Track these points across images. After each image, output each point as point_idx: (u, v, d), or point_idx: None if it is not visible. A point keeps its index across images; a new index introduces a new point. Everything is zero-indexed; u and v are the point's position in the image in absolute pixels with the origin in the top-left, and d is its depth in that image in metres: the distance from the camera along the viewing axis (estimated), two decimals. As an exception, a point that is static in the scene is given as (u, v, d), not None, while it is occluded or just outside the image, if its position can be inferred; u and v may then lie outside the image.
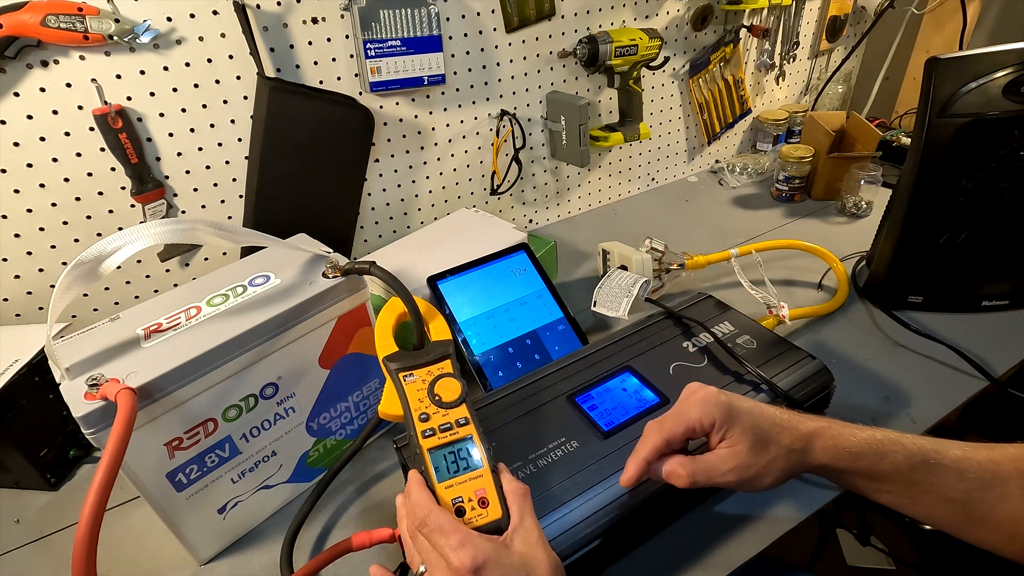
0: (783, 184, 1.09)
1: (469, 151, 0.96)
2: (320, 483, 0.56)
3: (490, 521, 0.37)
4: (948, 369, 0.68)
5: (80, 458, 0.65)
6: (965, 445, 0.44)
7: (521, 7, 0.88)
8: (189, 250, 0.79)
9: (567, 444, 0.50)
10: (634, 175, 1.18)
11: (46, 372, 0.61)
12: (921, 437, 0.44)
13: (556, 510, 0.45)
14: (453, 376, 0.44)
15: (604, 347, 0.61)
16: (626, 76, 0.97)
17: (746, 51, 1.19)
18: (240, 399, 0.50)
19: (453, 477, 0.39)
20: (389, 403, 0.43)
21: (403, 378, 0.43)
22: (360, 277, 0.55)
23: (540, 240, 0.87)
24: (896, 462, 0.43)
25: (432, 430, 0.40)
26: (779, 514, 0.53)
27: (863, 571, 1.26)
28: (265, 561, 0.53)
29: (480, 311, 0.70)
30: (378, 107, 0.84)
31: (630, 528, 0.47)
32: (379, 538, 0.46)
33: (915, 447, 0.43)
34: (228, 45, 0.71)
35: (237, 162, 0.78)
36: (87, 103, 0.66)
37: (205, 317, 0.49)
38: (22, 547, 0.56)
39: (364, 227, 0.92)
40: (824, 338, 0.74)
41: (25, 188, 0.67)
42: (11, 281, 0.70)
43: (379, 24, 0.76)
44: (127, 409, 0.40)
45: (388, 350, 0.47)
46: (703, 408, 0.43)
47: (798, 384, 0.55)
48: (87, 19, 0.61)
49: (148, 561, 0.54)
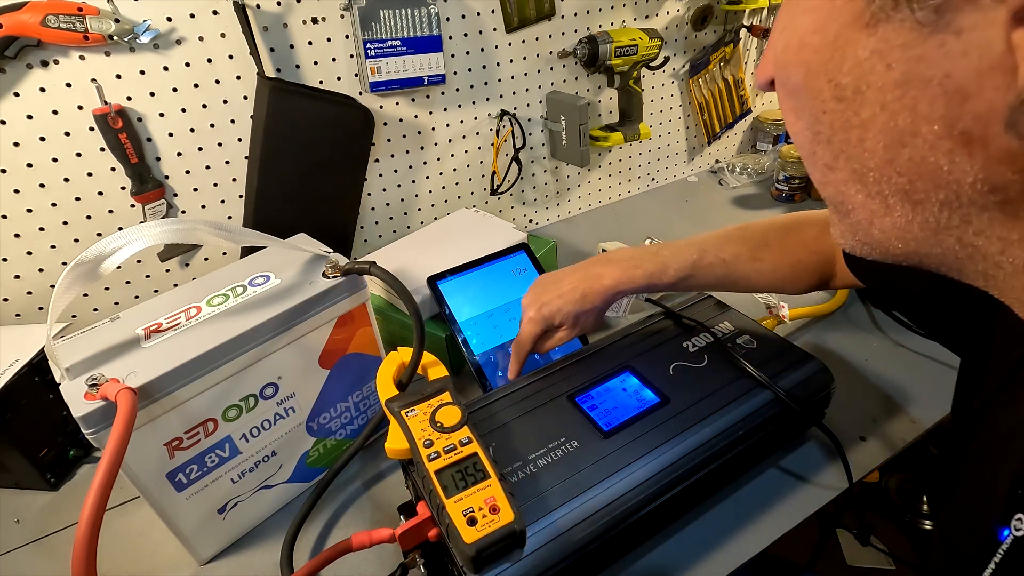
0: (783, 184, 1.09)
1: (469, 151, 0.96)
2: (320, 483, 0.56)
3: (503, 525, 0.37)
4: (948, 369, 0.68)
5: (80, 458, 0.65)
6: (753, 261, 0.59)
7: (521, 7, 0.88)
8: (189, 250, 0.79)
9: (567, 444, 0.50)
10: (634, 175, 1.18)
11: (46, 372, 0.61)
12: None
13: (556, 510, 0.45)
14: (453, 404, 0.45)
15: (604, 347, 0.61)
16: (626, 76, 0.97)
17: (746, 51, 1.19)
18: (240, 399, 0.50)
19: (461, 492, 0.39)
20: (394, 440, 0.43)
21: (405, 414, 0.44)
22: (360, 277, 0.55)
23: (540, 240, 0.87)
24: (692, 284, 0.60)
25: (437, 453, 0.41)
26: (779, 514, 0.53)
27: (863, 571, 1.26)
28: (265, 561, 0.53)
29: (480, 311, 0.70)
30: (378, 107, 0.84)
31: (631, 528, 0.47)
32: (379, 538, 0.46)
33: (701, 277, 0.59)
34: (228, 45, 0.71)
35: (237, 162, 0.78)
36: (87, 103, 0.66)
37: (205, 317, 0.49)
38: (22, 547, 0.56)
39: (364, 227, 0.92)
40: (824, 338, 0.74)
41: (25, 188, 0.67)
42: (11, 281, 0.70)
43: (379, 24, 0.76)
44: (127, 409, 0.40)
45: (389, 395, 0.47)
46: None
47: (798, 384, 0.55)
48: (87, 19, 0.61)
49: (148, 561, 0.54)
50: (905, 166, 0.22)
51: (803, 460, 0.57)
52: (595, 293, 0.59)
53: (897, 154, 0.22)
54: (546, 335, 0.62)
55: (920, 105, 0.20)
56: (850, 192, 0.25)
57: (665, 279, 0.58)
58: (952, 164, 0.21)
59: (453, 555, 0.41)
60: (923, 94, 0.20)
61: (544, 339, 0.62)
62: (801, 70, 0.24)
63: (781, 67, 0.26)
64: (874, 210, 0.25)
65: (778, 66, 0.26)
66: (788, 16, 0.25)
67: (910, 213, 0.23)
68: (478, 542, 0.36)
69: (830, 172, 0.26)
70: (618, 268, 0.59)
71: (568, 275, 0.61)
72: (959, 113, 0.19)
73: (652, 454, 0.49)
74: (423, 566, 0.46)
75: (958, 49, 0.19)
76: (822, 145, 0.25)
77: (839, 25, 0.22)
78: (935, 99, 0.20)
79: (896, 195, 0.23)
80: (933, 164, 0.21)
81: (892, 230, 0.24)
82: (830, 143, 0.24)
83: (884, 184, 0.23)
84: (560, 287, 0.60)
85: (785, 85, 0.26)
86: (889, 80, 0.21)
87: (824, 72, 0.23)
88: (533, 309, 0.60)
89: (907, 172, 0.22)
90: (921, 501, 1.34)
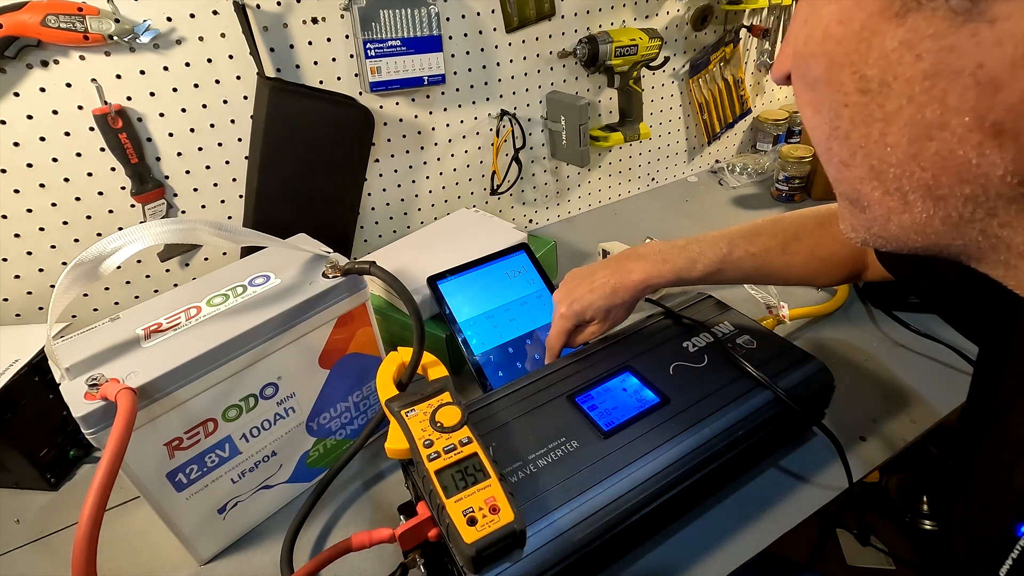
0: (783, 184, 1.09)
1: (469, 151, 0.96)
2: (320, 483, 0.56)
3: (503, 525, 0.37)
4: (948, 369, 0.68)
5: (80, 458, 0.65)
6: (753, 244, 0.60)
7: (521, 7, 0.88)
8: (189, 250, 0.79)
9: (567, 444, 0.50)
10: (634, 175, 1.18)
11: (46, 372, 0.61)
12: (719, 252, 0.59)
13: (557, 510, 0.45)
14: (453, 404, 0.45)
15: (604, 347, 0.61)
16: (626, 76, 0.97)
17: (746, 51, 1.19)
18: (240, 399, 0.50)
19: (461, 492, 0.39)
20: (394, 440, 0.43)
21: (405, 414, 0.44)
22: (360, 277, 0.55)
23: (540, 240, 0.87)
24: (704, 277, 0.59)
25: (437, 453, 0.41)
26: (779, 514, 0.53)
27: (863, 571, 1.26)
28: (265, 561, 0.53)
29: (480, 311, 0.70)
30: (378, 107, 0.84)
31: (631, 528, 0.47)
32: (379, 538, 0.46)
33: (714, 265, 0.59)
34: (228, 45, 0.71)
35: (237, 162, 0.78)
36: (87, 103, 0.66)
37: (205, 317, 0.49)
38: (22, 547, 0.56)
39: (364, 227, 0.92)
40: (824, 338, 0.74)
41: (25, 188, 0.67)
42: (11, 281, 0.70)
43: (379, 24, 0.76)
44: (127, 409, 0.40)
45: (389, 395, 0.47)
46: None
47: (798, 384, 0.55)
48: (87, 19, 0.61)
49: (148, 561, 0.54)
50: (930, 160, 0.22)
51: (803, 460, 0.57)
52: (625, 288, 0.60)
53: (922, 148, 0.22)
54: (577, 329, 0.63)
55: (950, 97, 0.20)
56: (866, 189, 0.25)
57: (694, 274, 0.59)
58: (981, 157, 0.20)
59: (453, 555, 0.41)
60: (954, 85, 0.20)
61: (575, 333, 0.63)
62: (824, 61, 0.24)
63: (802, 59, 0.25)
64: (892, 207, 0.24)
65: (798, 58, 0.25)
66: (810, 7, 0.24)
67: (932, 208, 0.23)
68: (478, 542, 0.36)
69: (846, 169, 0.25)
70: (648, 263, 0.60)
71: (599, 270, 0.62)
72: (991, 104, 0.19)
73: (652, 454, 0.49)
74: (423, 566, 0.46)
75: (992, 38, 0.18)
76: (839, 141, 0.25)
77: (866, 15, 0.21)
78: (966, 90, 0.19)
79: (918, 191, 0.23)
80: (961, 158, 0.21)
81: (911, 225, 0.24)
82: (848, 138, 0.24)
83: (905, 180, 0.23)
84: (591, 282, 0.61)
85: (804, 78, 0.26)
86: (918, 71, 0.20)
87: (848, 64, 0.23)
88: (564, 305, 0.61)
89: (931, 167, 0.22)
90: (921, 501, 1.34)
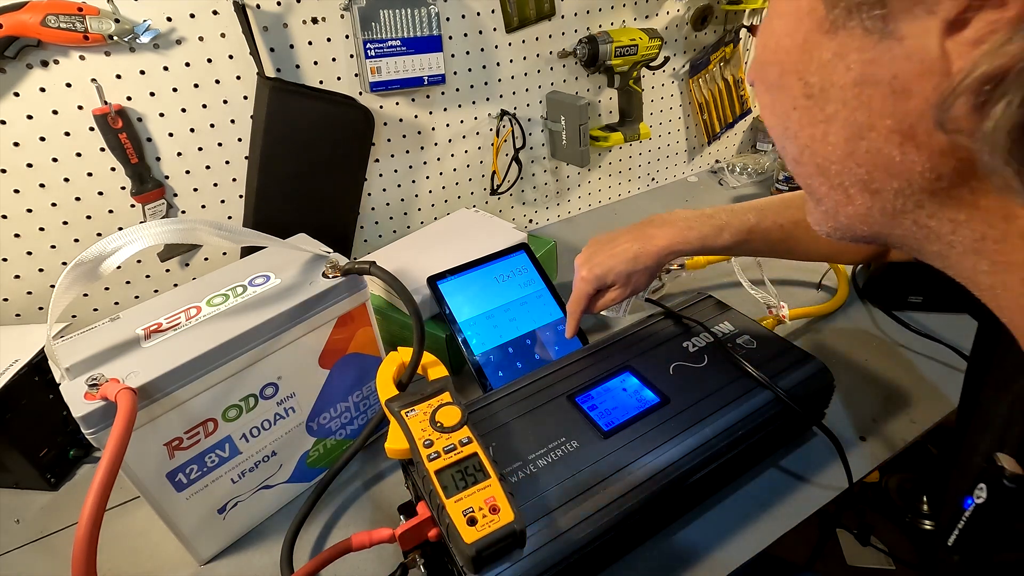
0: (783, 184, 1.09)
1: (469, 151, 0.96)
2: (320, 483, 0.56)
3: (503, 525, 0.37)
4: (948, 369, 0.68)
5: (80, 458, 0.65)
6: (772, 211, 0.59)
7: (521, 7, 0.88)
8: (189, 250, 0.79)
9: (567, 444, 0.50)
10: (634, 175, 1.18)
11: (46, 372, 0.61)
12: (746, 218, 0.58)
13: (557, 509, 0.45)
14: (453, 404, 0.45)
15: (604, 347, 0.61)
16: (626, 76, 0.97)
17: (746, 51, 1.19)
18: (240, 399, 0.50)
19: (461, 492, 0.39)
20: (394, 440, 0.43)
21: (405, 414, 0.44)
22: (360, 277, 0.55)
23: (540, 240, 0.87)
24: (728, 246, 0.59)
25: (437, 453, 0.41)
26: (779, 514, 0.53)
27: (863, 571, 1.26)
28: (265, 561, 0.53)
29: (480, 311, 0.70)
30: (378, 107, 0.84)
31: (631, 527, 0.47)
32: (379, 538, 0.46)
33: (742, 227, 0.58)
34: (228, 45, 0.71)
35: (237, 162, 0.78)
36: (87, 103, 0.66)
37: (205, 317, 0.49)
38: (22, 547, 0.56)
39: (364, 227, 0.92)
40: (824, 338, 0.74)
41: (25, 188, 0.67)
42: (11, 281, 0.70)
43: (379, 24, 0.76)
44: (127, 409, 0.40)
45: (389, 395, 0.47)
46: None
47: (798, 384, 0.55)
48: (87, 19, 0.61)
49: (148, 561, 0.54)
50: (863, 158, 0.24)
51: (803, 460, 0.57)
52: (648, 254, 0.60)
53: (856, 147, 0.24)
54: (599, 294, 0.63)
55: (874, 102, 0.22)
56: (815, 184, 0.28)
57: (720, 242, 0.59)
58: (903, 155, 0.23)
59: (453, 555, 0.41)
60: (876, 92, 0.22)
61: (597, 298, 0.63)
62: (777, 69, 0.26)
63: (761, 66, 0.28)
64: (838, 200, 0.27)
65: (759, 65, 0.28)
66: (768, 20, 0.27)
67: (869, 201, 0.25)
68: (478, 542, 0.36)
69: (798, 166, 0.28)
70: (673, 229, 0.59)
71: (622, 235, 0.62)
72: (906, 110, 0.22)
73: (652, 454, 0.49)
74: (423, 566, 0.46)
75: (902, 53, 0.21)
76: (790, 140, 0.27)
77: (806, 30, 0.24)
78: (885, 97, 0.22)
79: (856, 185, 0.25)
80: (887, 155, 0.23)
81: (856, 216, 0.27)
82: (797, 138, 0.27)
83: (845, 176, 0.25)
84: (613, 247, 0.61)
85: (764, 82, 0.28)
86: (848, 79, 0.23)
87: (795, 71, 0.25)
88: (585, 269, 0.61)
89: (865, 163, 0.24)
90: (921, 501, 1.34)
